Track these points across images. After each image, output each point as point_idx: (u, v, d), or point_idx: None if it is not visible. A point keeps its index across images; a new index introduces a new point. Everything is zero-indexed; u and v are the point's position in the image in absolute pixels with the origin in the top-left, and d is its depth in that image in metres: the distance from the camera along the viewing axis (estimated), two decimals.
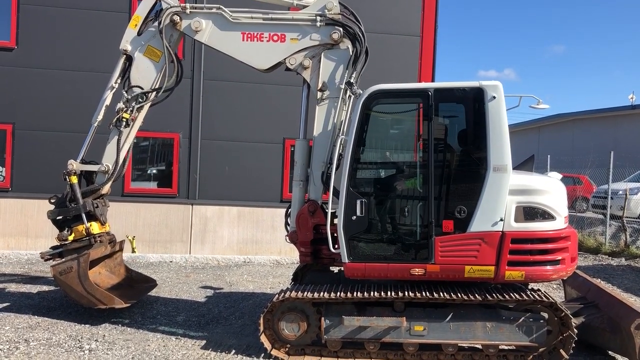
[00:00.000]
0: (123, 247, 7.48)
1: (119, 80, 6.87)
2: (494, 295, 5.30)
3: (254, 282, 9.27)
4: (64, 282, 6.40)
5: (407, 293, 5.34)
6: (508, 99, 5.39)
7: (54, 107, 11.25)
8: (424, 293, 5.34)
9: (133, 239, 11.20)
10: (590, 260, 12.30)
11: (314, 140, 6.20)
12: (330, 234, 5.72)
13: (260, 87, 11.29)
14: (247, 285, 8.95)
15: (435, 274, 5.40)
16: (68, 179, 6.64)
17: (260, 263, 11.02)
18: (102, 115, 6.86)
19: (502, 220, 5.30)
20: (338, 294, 5.40)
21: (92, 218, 6.70)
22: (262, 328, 5.50)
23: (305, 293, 5.46)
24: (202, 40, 6.58)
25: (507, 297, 5.28)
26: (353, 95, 6.08)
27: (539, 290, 5.49)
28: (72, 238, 6.64)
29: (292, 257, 10.75)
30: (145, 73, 6.73)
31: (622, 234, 13.37)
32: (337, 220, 5.61)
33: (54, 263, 6.54)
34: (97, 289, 6.38)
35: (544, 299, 5.26)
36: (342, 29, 6.18)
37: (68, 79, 11.27)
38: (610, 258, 12.45)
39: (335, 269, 6.43)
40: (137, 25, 6.73)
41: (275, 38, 6.35)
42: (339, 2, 6.31)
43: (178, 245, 11.49)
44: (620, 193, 14.16)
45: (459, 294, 5.31)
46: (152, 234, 11.42)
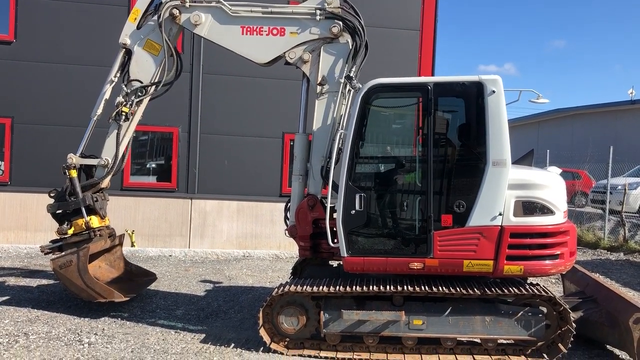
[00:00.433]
0: (123, 241, 7.49)
1: (119, 74, 6.86)
2: (493, 290, 5.32)
3: (253, 276, 9.28)
4: (64, 275, 6.42)
5: (406, 287, 5.35)
6: (508, 94, 5.40)
7: (53, 100, 11.22)
8: (423, 287, 5.35)
9: (132, 233, 11.20)
10: (589, 255, 12.33)
11: (314, 135, 6.20)
12: (330, 228, 5.73)
13: (260, 81, 11.25)
14: (246, 279, 8.97)
15: (434, 268, 5.41)
16: (67, 173, 6.65)
17: (260, 257, 11.03)
18: (101, 109, 6.86)
19: (501, 215, 5.30)
20: (337, 288, 5.41)
21: (91, 212, 6.71)
22: (261, 322, 5.51)
23: (305, 287, 5.47)
24: (201, 34, 6.56)
25: (506, 291, 5.31)
26: (352, 90, 6.08)
27: (538, 285, 5.50)
28: (71, 232, 6.65)
29: (291, 251, 10.77)
30: (145, 67, 6.72)
31: (620, 229, 13.40)
32: (336, 215, 5.61)
33: (54, 257, 6.55)
34: (96, 283, 6.40)
35: (543, 293, 5.27)
36: (341, 23, 6.17)
37: (67, 73, 11.24)
38: (609, 253, 12.48)
39: (335, 263, 6.44)
40: (136, 19, 6.71)
41: (275, 32, 6.34)
42: None
43: (177, 240, 11.50)
44: (619, 188, 14.16)
45: (458, 288, 5.33)
46: (151, 228, 11.43)
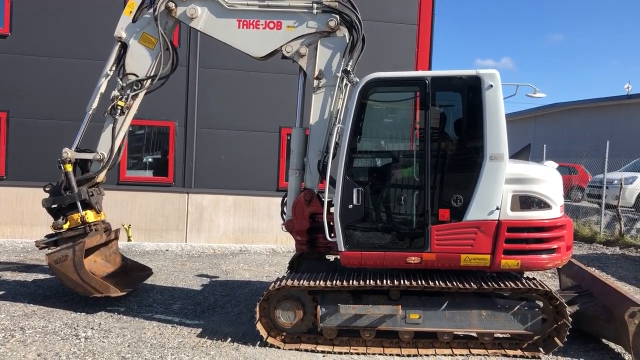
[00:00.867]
0: (118, 235, 7.47)
1: (114, 68, 6.80)
2: (490, 284, 5.33)
3: (250, 270, 9.28)
4: (60, 270, 6.38)
5: (402, 281, 5.36)
6: (505, 88, 5.39)
7: (49, 94, 11.16)
8: (420, 281, 5.36)
9: (129, 228, 11.18)
10: (585, 249, 12.38)
11: (311, 129, 6.18)
12: (327, 223, 5.72)
13: (257, 75, 11.21)
14: (243, 274, 8.97)
15: (431, 263, 5.42)
16: (63, 167, 6.61)
17: (256, 252, 11.03)
18: (96, 103, 6.81)
19: (498, 209, 5.31)
20: (334, 282, 5.41)
21: (87, 206, 6.67)
22: (258, 316, 5.51)
23: (302, 281, 5.47)
24: (197, 28, 6.52)
25: (502, 285, 5.31)
26: (349, 84, 6.06)
27: (534, 279, 5.51)
28: (67, 226, 6.62)
29: (288, 245, 10.77)
30: (140, 60, 6.67)
31: (616, 223, 13.45)
32: (333, 209, 5.61)
33: (49, 251, 6.52)
34: (92, 278, 6.38)
35: (539, 288, 5.28)
36: (338, 17, 6.14)
37: (63, 66, 11.18)
38: (605, 247, 12.53)
39: (331, 258, 6.44)
40: (131, 12, 6.66)
41: (272, 25, 6.30)
42: None
43: (174, 234, 11.49)
44: (616, 182, 14.20)
45: (455, 283, 5.33)
46: (148, 223, 11.41)
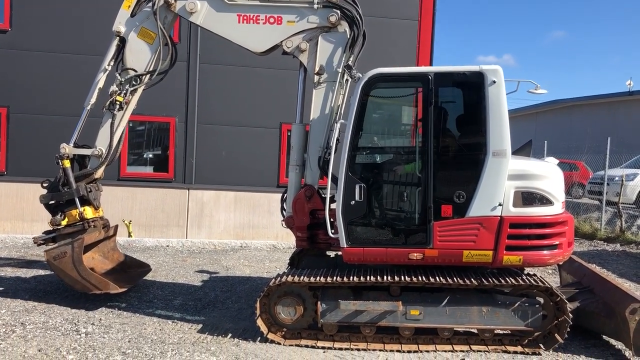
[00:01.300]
0: (116, 232, 7.44)
1: (112, 63, 6.74)
2: (490, 280, 5.32)
3: (251, 266, 9.28)
4: (58, 267, 6.34)
5: (403, 277, 5.35)
6: (506, 84, 5.36)
7: (49, 90, 11.14)
8: (420, 277, 5.35)
9: (129, 223, 11.18)
10: (586, 246, 12.36)
11: (311, 125, 6.15)
12: (327, 219, 5.70)
13: (257, 71, 11.19)
14: (243, 270, 8.97)
15: (434, 259, 5.41)
16: (61, 163, 6.55)
17: (257, 247, 11.03)
18: (95, 99, 6.74)
19: (500, 205, 5.30)
20: (334, 278, 5.41)
21: (85, 202, 6.61)
22: (258, 312, 5.51)
23: (302, 277, 5.46)
24: (197, 22, 6.47)
25: (503, 281, 5.30)
26: (351, 79, 6.02)
27: (535, 275, 5.51)
28: (65, 223, 6.56)
29: (288, 241, 10.76)
30: (139, 55, 6.62)
31: (617, 220, 13.42)
32: (334, 205, 5.59)
33: (48, 248, 6.47)
34: (91, 274, 6.33)
35: (540, 284, 5.28)
36: (339, 12, 6.09)
37: (63, 62, 11.14)
38: (606, 244, 12.51)
39: (332, 254, 6.43)
40: (130, 6, 6.60)
41: (272, 20, 6.26)
42: None
43: (174, 230, 11.48)
44: (617, 179, 14.17)
45: (455, 279, 5.32)
46: (148, 219, 11.40)
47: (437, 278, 5.34)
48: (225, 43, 6.49)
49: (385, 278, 5.37)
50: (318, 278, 5.43)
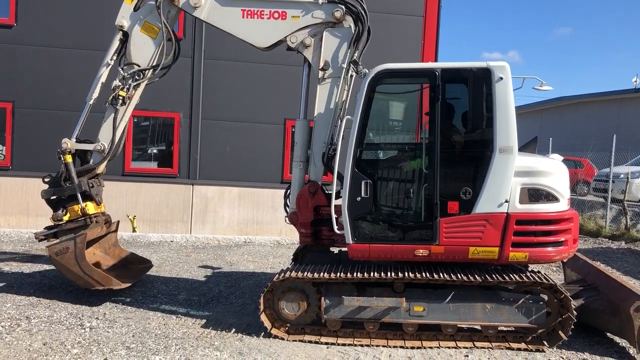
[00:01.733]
0: (118, 227, 7.42)
1: (115, 57, 6.72)
2: (494, 277, 5.30)
3: (255, 262, 9.29)
4: (60, 262, 6.30)
5: (407, 274, 5.34)
6: (512, 81, 5.35)
7: (54, 85, 11.16)
8: (424, 274, 5.34)
9: (134, 219, 11.20)
10: (590, 243, 12.31)
11: (315, 121, 6.14)
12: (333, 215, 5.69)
13: (262, 66, 11.18)
14: (247, 265, 8.98)
15: (440, 255, 5.40)
16: (62, 158, 6.53)
17: (261, 243, 11.04)
18: (97, 93, 6.72)
19: (507, 202, 5.29)
20: (338, 274, 5.40)
21: (87, 198, 6.58)
22: (262, 307, 5.52)
23: (306, 273, 5.46)
24: (200, 17, 6.44)
25: (507, 278, 5.29)
26: (357, 75, 6.00)
27: (539, 272, 5.49)
28: (67, 218, 6.52)
29: (292, 237, 10.77)
30: (142, 50, 6.59)
31: (622, 218, 13.37)
32: (341, 201, 5.58)
33: (50, 243, 6.42)
34: (94, 270, 6.30)
35: (544, 281, 5.26)
36: (344, 7, 6.06)
37: (68, 57, 11.16)
38: (610, 241, 12.46)
39: (335, 250, 6.43)
40: (133, 1, 6.58)
41: (276, 15, 6.24)
42: None
43: (179, 225, 11.51)
44: (622, 177, 14.11)
45: (459, 275, 5.31)
46: (152, 214, 11.43)
47: (441, 274, 5.33)
48: (230, 38, 6.46)
49: (389, 274, 5.37)
50: (322, 274, 5.43)
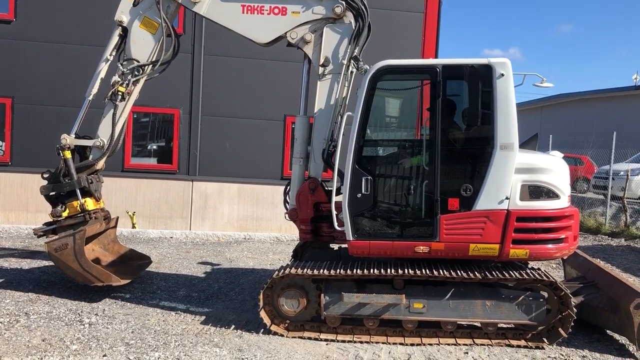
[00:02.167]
0: (117, 223, 7.40)
1: (114, 53, 6.68)
2: (494, 274, 5.30)
3: (254, 258, 9.29)
4: (59, 259, 6.28)
5: (407, 270, 5.33)
6: (513, 77, 5.33)
7: (54, 80, 11.12)
8: (424, 271, 5.33)
9: (133, 215, 11.19)
10: (590, 241, 12.32)
11: (315, 117, 6.11)
12: (331, 211, 5.68)
13: (262, 63, 11.15)
14: (247, 262, 8.97)
15: (440, 252, 5.40)
16: (62, 154, 6.49)
17: (260, 240, 11.03)
18: (96, 89, 6.68)
19: (507, 199, 5.28)
20: (338, 271, 5.40)
21: (86, 194, 6.55)
22: (261, 304, 5.51)
23: (305, 270, 5.45)
24: (200, 12, 6.40)
25: (507, 275, 5.28)
26: (358, 71, 5.97)
27: (539, 269, 5.49)
28: (66, 214, 6.49)
29: (292, 234, 10.76)
30: (142, 45, 6.55)
31: (622, 215, 13.37)
32: (342, 198, 5.56)
33: (48, 240, 6.40)
34: (93, 266, 6.29)
35: (544, 278, 5.26)
36: (345, 3, 6.03)
37: (68, 52, 11.12)
38: (610, 238, 12.47)
39: (335, 246, 6.42)
40: None
41: (276, 11, 6.20)
42: None
43: (178, 221, 11.50)
44: (622, 174, 14.11)
45: (459, 272, 5.31)
46: (152, 210, 11.42)
47: (440, 271, 5.32)
48: (230, 34, 6.43)
49: (389, 271, 5.36)
50: (321, 270, 5.42)
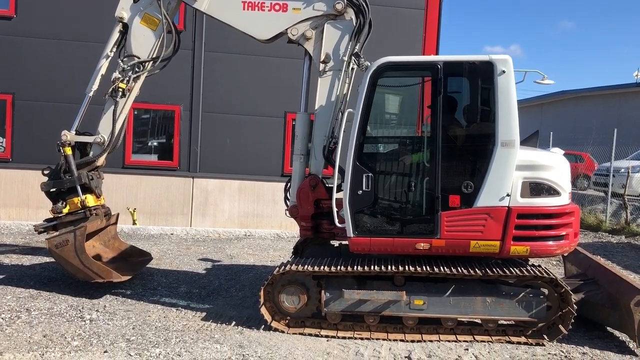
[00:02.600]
0: (117, 220, 7.40)
1: (115, 49, 6.67)
2: (495, 271, 5.30)
3: (255, 255, 9.29)
4: (60, 255, 6.28)
5: (407, 267, 5.34)
6: (514, 74, 5.32)
7: (55, 77, 11.11)
8: (425, 267, 5.34)
9: (134, 211, 11.20)
10: (591, 238, 12.31)
11: (316, 114, 6.11)
12: (331, 208, 5.68)
13: (262, 59, 11.13)
14: (247, 258, 8.98)
15: (441, 249, 5.40)
16: (62, 150, 6.50)
17: (261, 236, 11.04)
18: (97, 85, 6.68)
19: (508, 196, 5.28)
20: (338, 268, 5.40)
21: (87, 190, 6.56)
22: (262, 300, 5.52)
23: (306, 266, 5.46)
24: (201, 9, 6.39)
25: (507, 272, 5.28)
26: (359, 68, 5.96)
27: (540, 266, 5.49)
28: (66, 211, 6.50)
29: (292, 231, 10.76)
30: (142, 42, 6.55)
31: (622, 212, 13.36)
32: (342, 195, 5.56)
33: (49, 236, 6.40)
34: (94, 263, 6.29)
35: (545, 275, 5.26)
36: None
37: (69, 49, 11.10)
38: (611, 235, 12.46)
39: (336, 243, 6.43)
40: None
41: (277, 7, 6.19)
42: None
43: (179, 218, 11.50)
44: (622, 171, 14.08)
45: (460, 269, 5.31)
46: (153, 206, 11.42)
47: (441, 268, 5.32)
48: (231, 31, 6.42)
49: (390, 268, 5.36)
50: (322, 267, 5.43)
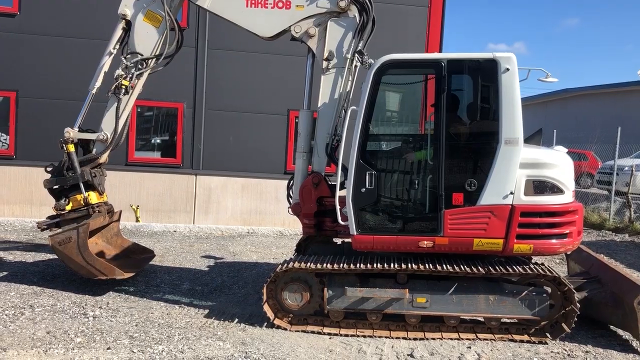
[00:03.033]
0: (120, 217, 7.41)
1: (118, 46, 6.67)
2: (498, 269, 5.29)
3: (258, 252, 9.30)
4: (63, 252, 6.29)
5: (410, 265, 5.34)
6: (518, 72, 5.31)
7: (58, 74, 11.12)
8: (428, 265, 5.34)
9: (137, 208, 11.22)
10: (594, 236, 12.29)
11: (319, 111, 6.10)
12: (334, 206, 5.68)
13: (265, 57, 11.12)
14: (250, 256, 8.99)
15: (444, 247, 5.39)
16: (65, 148, 6.50)
17: (264, 234, 11.05)
18: (100, 82, 6.68)
19: (512, 194, 5.27)
20: (341, 265, 5.40)
21: (90, 187, 6.57)
22: (265, 297, 5.53)
23: (309, 264, 5.46)
24: (204, 6, 6.39)
25: (510, 270, 5.28)
26: (362, 65, 5.95)
27: (543, 264, 5.48)
28: (69, 208, 6.51)
29: (295, 228, 10.77)
30: (145, 39, 6.55)
31: (626, 210, 13.33)
32: (346, 192, 5.56)
33: (52, 233, 6.41)
34: (97, 260, 6.30)
35: (548, 273, 5.25)
36: None
37: (72, 46, 11.10)
38: (614, 234, 12.43)
39: (338, 241, 6.43)
40: None
41: (280, 4, 6.18)
42: None
43: (182, 215, 11.52)
44: (626, 169, 14.05)
45: (463, 267, 5.31)
46: (156, 204, 11.44)
47: (444, 266, 5.33)
48: (234, 28, 6.42)
49: (392, 265, 5.36)
50: (325, 265, 5.43)
